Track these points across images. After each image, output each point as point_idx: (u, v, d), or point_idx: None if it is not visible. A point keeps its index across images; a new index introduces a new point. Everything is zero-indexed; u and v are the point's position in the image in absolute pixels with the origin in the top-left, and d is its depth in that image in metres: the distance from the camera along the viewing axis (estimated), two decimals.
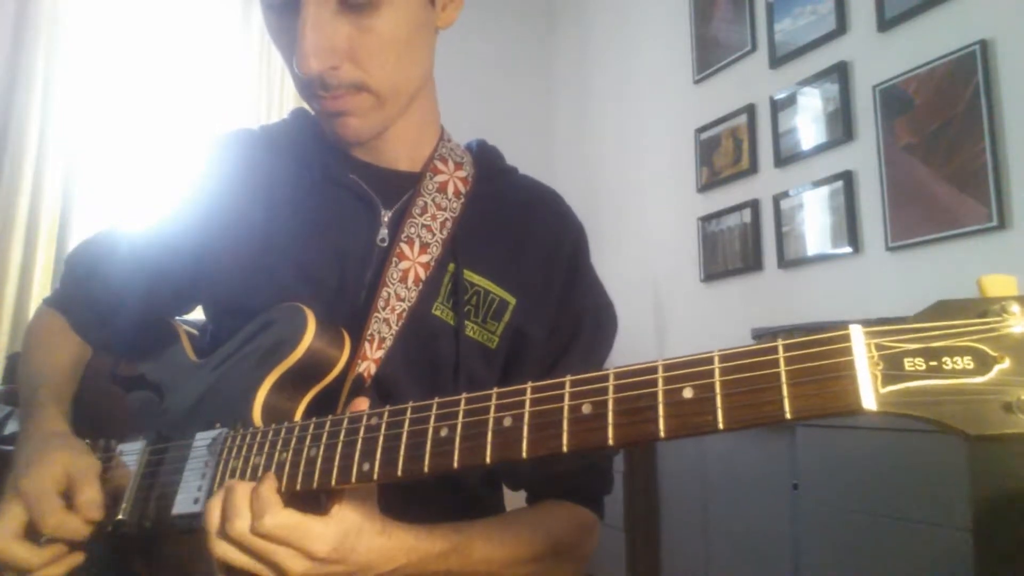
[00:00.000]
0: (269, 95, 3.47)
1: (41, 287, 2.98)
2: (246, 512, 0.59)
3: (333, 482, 0.59)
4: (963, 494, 1.53)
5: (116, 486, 0.75)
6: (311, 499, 0.62)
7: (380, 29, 0.72)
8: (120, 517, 0.72)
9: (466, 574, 0.70)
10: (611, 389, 0.49)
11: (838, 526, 1.83)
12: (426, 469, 0.55)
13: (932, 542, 1.59)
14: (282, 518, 0.58)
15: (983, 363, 0.37)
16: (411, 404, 0.59)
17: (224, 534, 0.59)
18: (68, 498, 0.71)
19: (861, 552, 1.76)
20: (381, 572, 0.64)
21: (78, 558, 0.72)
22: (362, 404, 0.65)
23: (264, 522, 0.58)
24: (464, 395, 0.56)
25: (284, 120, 0.92)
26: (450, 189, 0.85)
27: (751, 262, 2.81)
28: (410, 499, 0.67)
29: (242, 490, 0.60)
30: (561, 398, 0.51)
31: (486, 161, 0.91)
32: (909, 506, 1.65)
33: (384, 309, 0.77)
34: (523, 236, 0.87)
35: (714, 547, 2.35)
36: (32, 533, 0.70)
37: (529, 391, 0.53)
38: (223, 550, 0.60)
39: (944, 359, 0.38)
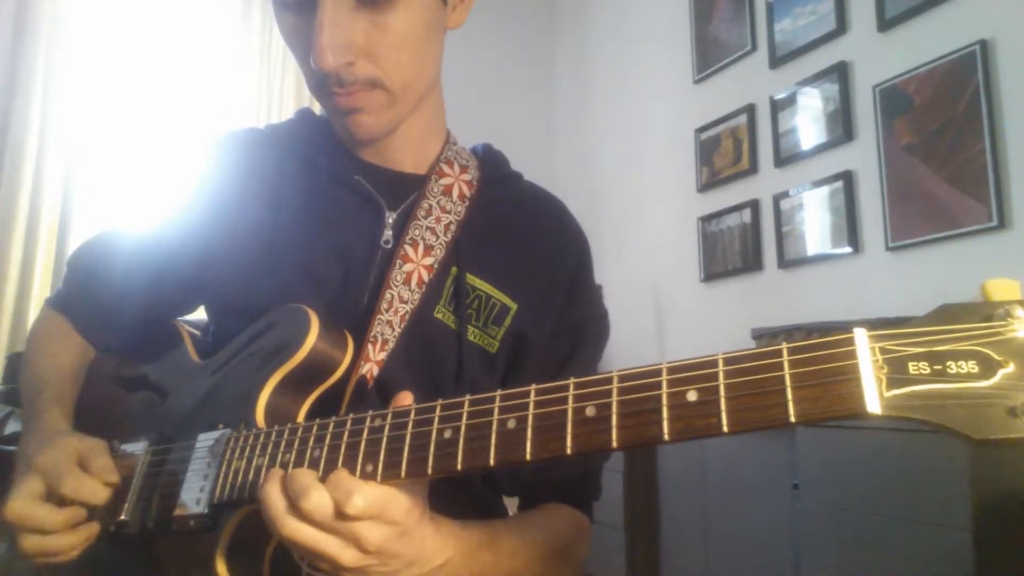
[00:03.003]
0: (269, 95, 3.47)
1: (41, 287, 2.97)
2: (317, 490, 0.57)
3: None
4: (963, 494, 1.53)
5: (118, 487, 0.75)
6: None
7: (396, 26, 0.73)
8: (122, 517, 0.72)
9: (495, 570, 0.70)
10: (615, 391, 0.49)
11: (838, 526, 1.83)
12: (429, 471, 0.55)
13: (932, 542, 1.59)
14: (370, 490, 0.56)
15: (988, 367, 0.37)
16: (414, 406, 0.59)
17: (298, 510, 0.57)
18: (83, 468, 0.72)
19: (861, 552, 1.76)
20: (433, 565, 0.63)
21: (94, 528, 0.72)
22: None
23: (355, 501, 0.56)
24: (467, 397, 0.56)
25: (290, 119, 0.92)
26: (455, 192, 0.85)
27: (751, 262, 2.81)
28: None
29: (304, 473, 0.58)
30: (565, 400, 0.51)
31: (491, 166, 0.91)
32: (909, 506, 1.65)
33: (387, 311, 0.77)
34: (526, 243, 0.87)
35: (714, 547, 2.35)
36: (50, 500, 0.71)
37: (533, 393, 0.52)
38: (293, 528, 0.57)
39: (948, 363, 0.38)
